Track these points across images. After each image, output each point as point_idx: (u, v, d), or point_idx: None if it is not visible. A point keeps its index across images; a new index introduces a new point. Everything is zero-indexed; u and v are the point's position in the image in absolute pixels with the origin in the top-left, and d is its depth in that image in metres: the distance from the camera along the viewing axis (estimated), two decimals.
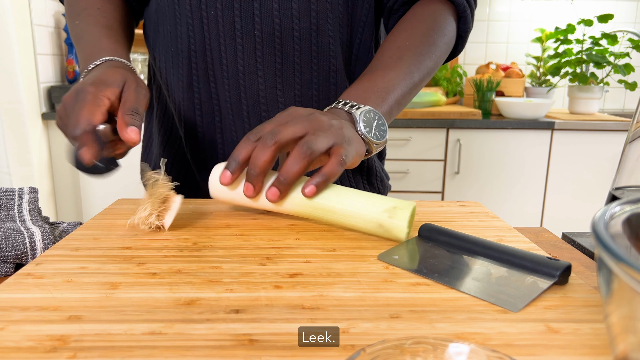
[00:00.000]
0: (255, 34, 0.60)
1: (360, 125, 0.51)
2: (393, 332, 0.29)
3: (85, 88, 0.49)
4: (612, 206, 0.26)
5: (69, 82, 2.04)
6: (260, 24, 0.60)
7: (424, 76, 0.61)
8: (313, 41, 0.61)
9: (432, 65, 0.62)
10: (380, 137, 0.53)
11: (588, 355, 0.27)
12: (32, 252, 0.44)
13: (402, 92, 0.58)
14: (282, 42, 0.61)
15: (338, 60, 0.64)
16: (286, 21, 0.60)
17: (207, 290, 0.34)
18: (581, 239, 0.51)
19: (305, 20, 0.60)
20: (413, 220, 0.45)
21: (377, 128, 0.52)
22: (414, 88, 0.60)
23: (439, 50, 0.62)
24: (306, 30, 0.61)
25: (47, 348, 0.27)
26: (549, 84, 2.22)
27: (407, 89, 0.59)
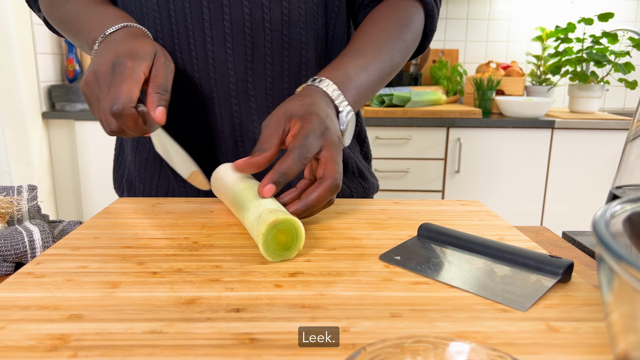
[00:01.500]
0: (225, 25, 0.59)
1: (342, 118, 0.52)
2: (393, 331, 0.29)
3: (122, 62, 0.49)
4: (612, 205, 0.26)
5: (69, 81, 2.03)
6: (229, 14, 0.58)
7: (392, 70, 0.62)
8: (284, 32, 0.60)
9: (400, 61, 0.63)
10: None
11: (589, 353, 0.27)
12: (31, 251, 0.44)
13: (370, 84, 0.58)
14: (253, 32, 0.59)
15: (310, 52, 0.63)
16: (256, 11, 0.59)
17: (207, 289, 0.34)
18: (581, 237, 0.51)
19: (276, 11, 0.59)
20: (297, 240, 0.40)
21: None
22: (381, 82, 0.61)
23: (408, 47, 0.64)
24: (277, 20, 0.59)
25: (48, 347, 0.27)
26: (549, 83, 2.22)
27: (375, 81, 0.59)
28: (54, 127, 1.94)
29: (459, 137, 1.89)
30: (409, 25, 0.63)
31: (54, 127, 1.94)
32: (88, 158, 1.93)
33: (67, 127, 1.94)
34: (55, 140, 1.96)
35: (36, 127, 1.86)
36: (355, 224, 0.48)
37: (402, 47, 0.63)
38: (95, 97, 0.50)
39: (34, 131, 1.83)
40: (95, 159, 1.93)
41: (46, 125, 1.94)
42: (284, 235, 0.39)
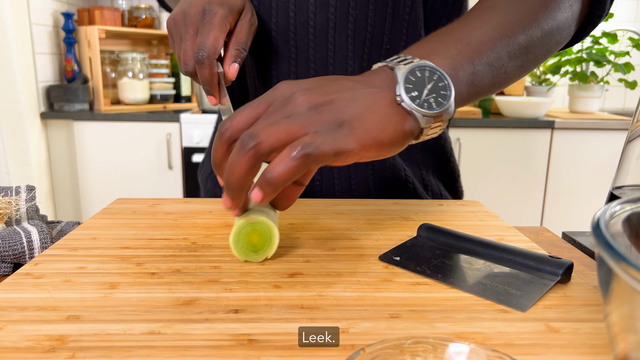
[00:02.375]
0: (271, 27, 0.58)
1: (400, 87, 0.36)
2: (393, 331, 0.29)
3: (213, 9, 0.49)
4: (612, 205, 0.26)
5: (67, 81, 2.03)
6: (276, 16, 0.58)
7: (533, 41, 0.44)
8: (330, 39, 0.58)
9: (548, 31, 0.45)
10: (435, 107, 0.37)
11: (588, 354, 0.27)
12: (29, 252, 0.44)
13: (493, 51, 0.42)
14: (297, 35, 0.58)
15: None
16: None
17: (206, 290, 0.34)
18: (581, 238, 0.51)
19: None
20: (268, 247, 0.38)
21: (433, 92, 0.37)
22: (517, 53, 0.43)
23: (554, 18, 0.45)
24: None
25: (46, 348, 0.27)
26: (549, 83, 2.22)
27: (502, 49, 0.42)
28: (52, 128, 1.94)
29: (459, 137, 1.89)
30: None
31: (52, 127, 1.94)
32: (86, 158, 1.93)
33: (65, 127, 1.94)
34: (54, 141, 1.95)
35: (34, 127, 1.86)
36: (354, 225, 0.48)
37: (545, 15, 0.45)
38: (179, 35, 0.50)
39: (32, 131, 1.83)
40: (93, 159, 1.93)
41: (44, 126, 1.93)
42: (257, 237, 0.38)
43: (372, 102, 0.36)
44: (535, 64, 0.47)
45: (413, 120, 0.37)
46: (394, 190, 0.63)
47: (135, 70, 2.05)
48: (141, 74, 2.07)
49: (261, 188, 0.33)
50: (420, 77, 0.37)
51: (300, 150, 0.31)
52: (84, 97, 1.95)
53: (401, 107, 0.36)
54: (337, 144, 0.33)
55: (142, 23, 2.16)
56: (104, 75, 2.06)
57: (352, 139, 0.34)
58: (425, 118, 0.37)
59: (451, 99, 0.37)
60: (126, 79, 2.04)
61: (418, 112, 0.36)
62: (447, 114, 0.37)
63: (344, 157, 0.34)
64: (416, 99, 0.36)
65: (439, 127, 0.38)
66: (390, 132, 0.35)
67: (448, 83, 0.38)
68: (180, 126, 1.91)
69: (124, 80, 2.04)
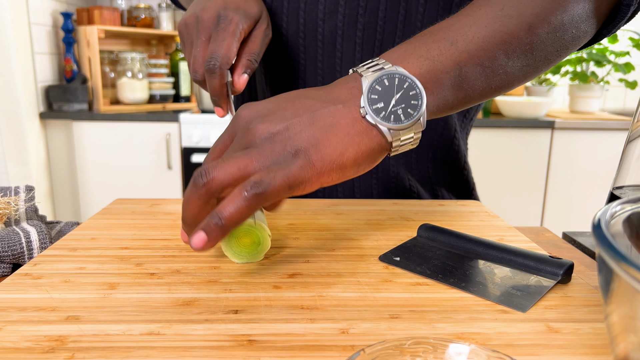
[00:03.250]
0: (282, 32, 0.58)
1: (364, 98, 0.34)
2: (393, 332, 0.29)
3: (228, 15, 0.46)
4: (612, 205, 0.26)
5: (66, 81, 2.03)
6: (287, 22, 0.58)
7: (539, 37, 0.38)
8: (337, 46, 0.57)
9: (558, 25, 0.39)
10: (404, 119, 0.34)
11: (588, 355, 0.27)
12: (28, 252, 0.44)
13: (485, 50, 0.37)
14: (306, 42, 0.58)
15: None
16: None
17: (205, 291, 0.34)
18: (582, 238, 0.50)
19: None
20: (262, 240, 0.38)
21: (402, 103, 0.34)
22: (519, 51, 0.38)
23: (566, 10, 0.39)
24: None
25: (45, 348, 0.27)
26: (549, 83, 2.22)
27: (497, 47, 0.37)
28: (52, 128, 1.94)
29: None
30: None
31: (52, 127, 1.94)
32: (86, 158, 1.92)
33: (64, 127, 1.93)
34: (53, 141, 1.95)
35: (33, 127, 1.86)
36: (354, 225, 0.48)
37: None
38: (190, 40, 0.48)
39: (31, 131, 1.83)
40: (92, 159, 1.93)
41: (43, 126, 1.93)
42: (248, 238, 0.39)
43: (332, 122, 0.34)
44: (547, 63, 0.41)
45: (378, 134, 0.34)
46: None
47: (134, 70, 2.05)
48: (140, 73, 2.07)
49: (207, 232, 0.31)
50: (389, 85, 0.34)
51: (250, 189, 0.30)
52: (83, 97, 1.95)
53: (366, 120, 0.34)
54: (289, 178, 0.31)
55: (141, 23, 2.16)
56: (103, 75, 2.06)
57: (307, 169, 0.32)
58: (392, 132, 0.34)
59: (421, 110, 0.34)
60: (125, 79, 2.04)
61: (383, 126, 0.34)
62: (417, 125, 0.35)
63: (301, 188, 0.32)
64: (382, 110, 0.34)
65: (410, 140, 0.35)
66: (353, 154, 0.33)
67: (419, 92, 0.35)
68: (180, 126, 1.91)
69: (123, 80, 2.04)
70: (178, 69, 2.19)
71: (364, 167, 0.35)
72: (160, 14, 2.22)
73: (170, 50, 2.29)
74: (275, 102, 0.35)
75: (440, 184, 0.66)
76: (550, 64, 0.42)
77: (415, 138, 0.36)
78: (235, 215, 0.31)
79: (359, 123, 0.34)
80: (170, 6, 2.19)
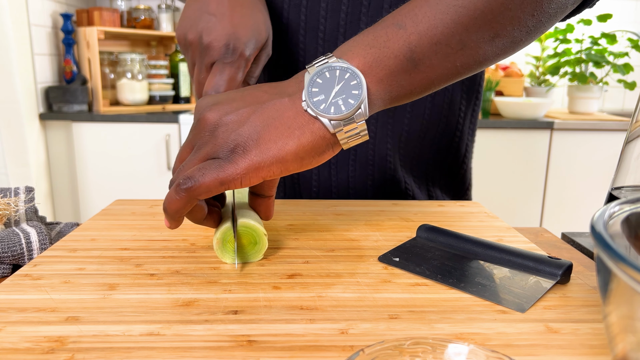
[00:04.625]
0: (281, 28, 0.58)
1: (305, 92, 0.35)
2: (392, 332, 0.29)
3: (237, 48, 0.44)
4: (611, 206, 0.26)
5: (66, 82, 2.03)
6: (287, 18, 0.57)
7: (503, 4, 0.35)
8: (339, 44, 0.57)
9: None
10: (344, 109, 0.34)
11: (587, 355, 0.27)
12: (28, 253, 0.44)
13: (437, 27, 0.35)
14: (306, 39, 0.57)
15: None
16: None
17: (205, 291, 0.34)
18: (580, 238, 0.51)
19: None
20: (257, 246, 0.39)
21: (342, 93, 0.34)
22: (481, 23, 0.35)
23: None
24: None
25: (45, 349, 0.27)
26: (548, 84, 2.22)
27: (451, 21, 0.35)
28: (51, 129, 1.94)
29: None
30: None
31: (51, 128, 1.94)
32: (85, 159, 1.92)
33: (64, 128, 1.93)
34: (53, 142, 1.95)
35: (33, 128, 1.86)
36: (353, 226, 0.48)
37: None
38: (192, 61, 0.46)
39: (31, 132, 1.83)
40: (92, 160, 1.93)
41: (43, 127, 1.93)
42: (245, 240, 0.39)
43: (275, 114, 0.34)
44: (525, 33, 0.37)
45: (321, 127, 0.34)
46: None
47: (134, 71, 2.05)
48: (140, 75, 2.07)
49: (166, 218, 0.36)
50: (329, 78, 0.35)
51: (182, 185, 0.33)
52: (83, 98, 1.95)
53: (307, 113, 0.34)
54: (220, 174, 0.33)
55: (141, 24, 2.16)
56: (103, 76, 2.06)
57: (242, 164, 0.33)
58: (334, 122, 0.34)
59: (361, 97, 0.34)
60: (125, 80, 2.04)
61: (324, 117, 0.34)
62: (359, 114, 0.34)
63: (235, 183, 0.34)
64: (322, 102, 0.34)
65: (356, 131, 0.35)
66: (294, 147, 0.34)
67: (359, 81, 0.34)
68: (179, 127, 1.91)
69: (122, 81, 2.04)
70: (178, 70, 2.19)
71: (308, 160, 0.35)
72: (159, 15, 2.22)
73: (169, 52, 2.29)
74: (229, 93, 0.37)
75: (436, 183, 0.66)
76: (530, 35, 0.38)
77: (361, 130, 0.35)
78: (172, 207, 0.35)
79: (301, 116, 0.34)
80: (169, 7, 2.19)
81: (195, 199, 0.34)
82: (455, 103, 0.62)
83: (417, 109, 0.60)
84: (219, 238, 0.38)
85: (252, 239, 0.39)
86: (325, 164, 0.61)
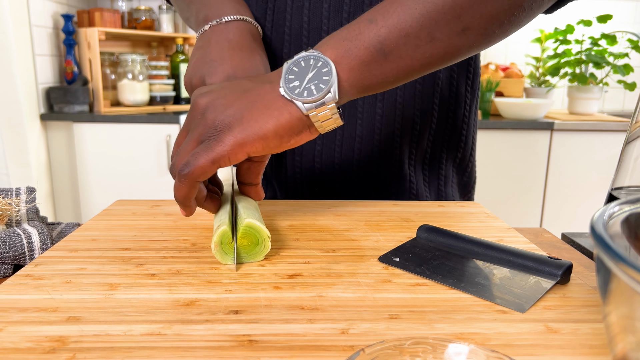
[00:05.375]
0: (285, 30, 0.58)
1: (282, 79, 0.39)
2: (392, 332, 0.29)
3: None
4: (611, 206, 0.26)
5: (67, 82, 2.03)
6: (290, 20, 0.58)
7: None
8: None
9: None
10: (315, 92, 0.38)
11: (587, 355, 0.27)
12: (29, 253, 0.44)
13: (406, 21, 0.38)
14: (309, 40, 0.58)
15: None
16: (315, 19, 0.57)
17: (206, 291, 0.34)
18: (580, 239, 0.51)
19: (336, 19, 0.56)
20: (257, 247, 0.39)
21: (315, 80, 0.39)
22: (450, 16, 0.38)
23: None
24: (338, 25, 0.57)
25: (46, 349, 0.27)
26: (548, 85, 2.22)
27: (421, 15, 0.38)
28: (52, 129, 1.94)
29: None
30: None
31: (52, 129, 1.94)
32: (86, 160, 1.93)
33: (65, 128, 1.94)
34: (54, 142, 1.95)
35: (34, 129, 1.86)
36: (354, 226, 0.48)
37: None
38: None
39: (32, 133, 1.83)
40: (93, 160, 1.93)
41: (44, 127, 1.93)
42: (247, 240, 0.39)
43: (257, 98, 0.39)
44: (499, 26, 0.39)
45: (297, 109, 0.39)
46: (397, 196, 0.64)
47: (135, 72, 2.05)
48: (141, 75, 2.07)
49: (179, 205, 0.41)
50: (304, 66, 0.39)
51: (179, 172, 0.38)
52: (84, 99, 1.95)
53: (285, 97, 0.39)
54: (210, 154, 0.37)
55: (142, 25, 2.16)
56: (104, 76, 2.06)
57: (227, 141, 0.38)
58: (307, 105, 0.39)
59: (330, 82, 0.38)
60: (126, 81, 2.04)
61: (298, 101, 0.39)
62: (329, 98, 0.39)
63: (225, 160, 0.38)
64: (297, 88, 0.39)
65: (326, 113, 0.39)
66: (273, 125, 0.38)
67: (330, 68, 0.39)
68: (180, 128, 1.91)
69: (123, 81, 2.05)
70: (178, 70, 2.20)
71: (287, 139, 0.39)
72: (160, 16, 2.22)
73: (170, 52, 2.30)
74: (221, 83, 0.42)
75: (448, 181, 0.66)
76: (503, 27, 0.39)
77: (332, 113, 0.39)
78: (180, 194, 0.39)
79: (280, 99, 0.39)
80: (170, 8, 2.19)
81: (196, 182, 0.38)
82: (461, 97, 0.63)
83: (425, 105, 0.60)
84: (217, 241, 0.38)
85: (255, 239, 0.39)
86: (330, 161, 0.62)
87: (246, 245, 0.39)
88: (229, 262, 0.39)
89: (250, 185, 0.46)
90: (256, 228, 0.39)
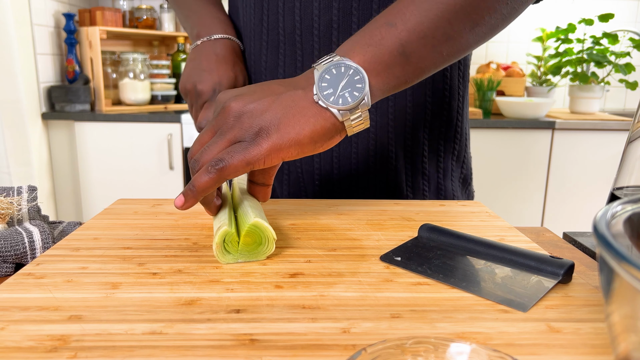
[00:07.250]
0: (279, 32, 0.60)
1: (316, 86, 0.40)
2: (394, 331, 0.29)
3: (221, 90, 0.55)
4: (613, 205, 0.26)
5: (68, 81, 2.03)
6: (283, 22, 0.59)
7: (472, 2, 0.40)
8: (334, 39, 0.58)
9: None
10: (350, 100, 0.40)
11: (589, 354, 0.27)
12: (31, 252, 0.44)
13: (423, 23, 0.40)
14: (302, 38, 0.59)
15: None
16: (306, 18, 0.58)
17: (207, 290, 0.34)
18: (582, 238, 0.51)
19: (325, 17, 0.57)
20: (260, 246, 0.39)
21: (348, 87, 0.40)
22: (461, 15, 0.41)
23: None
24: (326, 26, 0.58)
25: (48, 348, 0.27)
26: (549, 84, 2.22)
27: (435, 16, 0.40)
28: (54, 128, 1.95)
29: None
30: None
31: (54, 127, 1.94)
32: (88, 159, 1.93)
33: (66, 127, 1.94)
34: (55, 141, 1.96)
35: (36, 127, 1.86)
36: (355, 225, 0.48)
37: None
38: (190, 103, 0.60)
39: (33, 132, 1.83)
40: (94, 159, 1.93)
41: (46, 126, 1.94)
42: (251, 239, 0.39)
43: (292, 104, 0.40)
44: (501, 19, 0.43)
45: (331, 116, 0.40)
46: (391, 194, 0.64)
47: (136, 71, 2.05)
48: (142, 74, 2.07)
49: (185, 195, 0.39)
50: (336, 74, 0.40)
51: (214, 165, 0.38)
52: (85, 98, 1.95)
53: (319, 105, 0.40)
54: (246, 155, 0.38)
55: (143, 24, 2.16)
56: (105, 75, 2.06)
57: (265, 146, 0.38)
58: (342, 112, 0.40)
59: (364, 91, 0.40)
60: (127, 80, 2.05)
61: (334, 108, 0.40)
62: (363, 104, 0.40)
63: (259, 163, 0.39)
64: (331, 95, 0.40)
65: (359, 119, 0.41)
66: (309, 131, 0.39)
67: (362, 76, 0.40)
68: (181, 127, 1.91)
69: (125, 80, 2.05)
70: (180, 69, 2.20)
71: (321, 144, 0.41)
72: (162, 15, 2.22)
73: (172, 51, 2.30)
74: (248, 87, 0.42)
75: (447, 175, 0.66)
76: (503, 20, 0.43)
77: (364, 117, 0.41)
78: (202, 185, 0.38)
79: (314, 106, 0.40)
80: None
81: (224, 178, 0.38)
82: (454, 88, 0.63)
83: (417, 97, 0.61)
84: (218, 242, 0.38)
85: (258, 239, 0.39)
86: (329, 155, 0.63)
87: (249, 243, 0.39)
88: (230, 261, 0.39)
89: (262, 185, 0.45)
90: (262, 227, 0.39)
